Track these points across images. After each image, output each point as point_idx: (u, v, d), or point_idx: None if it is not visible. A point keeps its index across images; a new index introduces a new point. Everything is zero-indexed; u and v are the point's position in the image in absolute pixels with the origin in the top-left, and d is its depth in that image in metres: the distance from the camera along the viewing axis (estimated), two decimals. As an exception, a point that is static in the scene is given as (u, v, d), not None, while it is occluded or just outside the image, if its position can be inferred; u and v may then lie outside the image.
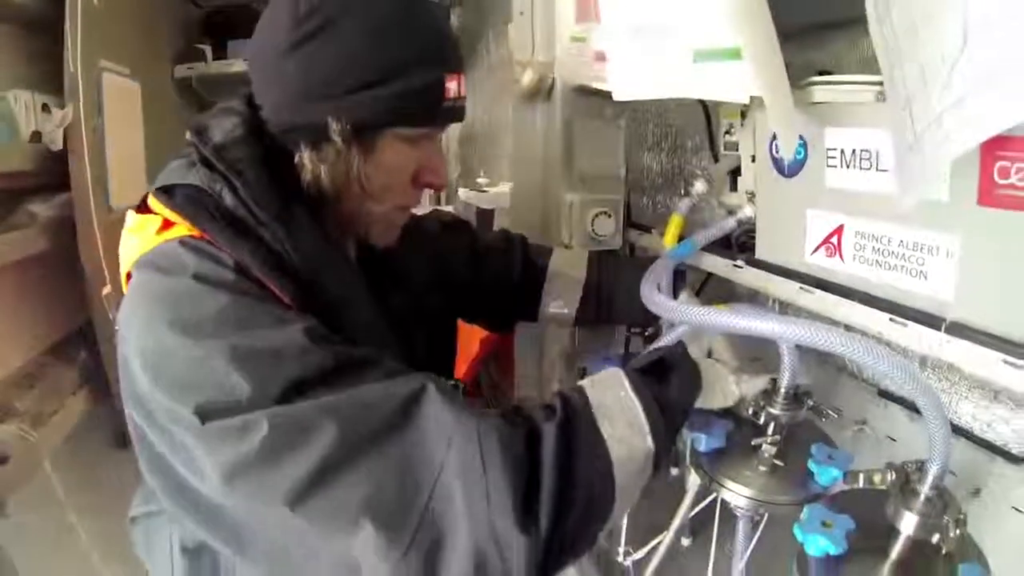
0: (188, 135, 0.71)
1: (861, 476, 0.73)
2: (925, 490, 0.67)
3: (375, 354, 0.64)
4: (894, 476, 0.72)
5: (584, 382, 0.71)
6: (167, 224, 0.67)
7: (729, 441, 0.86)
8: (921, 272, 0.71)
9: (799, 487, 0.82)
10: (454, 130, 2.50)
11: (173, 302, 0.61)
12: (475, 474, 0.56)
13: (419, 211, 2.09)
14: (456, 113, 0.75)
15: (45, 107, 1.57)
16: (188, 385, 0.58)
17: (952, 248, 0.67)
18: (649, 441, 0.67)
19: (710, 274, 1.25)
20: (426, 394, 0.60)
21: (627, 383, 0.70)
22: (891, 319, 0.74)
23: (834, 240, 0.80)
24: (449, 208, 2.27)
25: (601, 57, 1.01)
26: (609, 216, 1.20)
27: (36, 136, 1.53)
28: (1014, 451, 0.82)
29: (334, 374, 0.59)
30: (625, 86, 0.94)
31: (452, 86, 0.72)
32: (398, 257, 0.87)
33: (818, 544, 0.69)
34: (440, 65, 0.72)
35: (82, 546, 1.61)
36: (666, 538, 0.97)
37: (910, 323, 0.72)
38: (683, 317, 0.74)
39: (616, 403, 0.68)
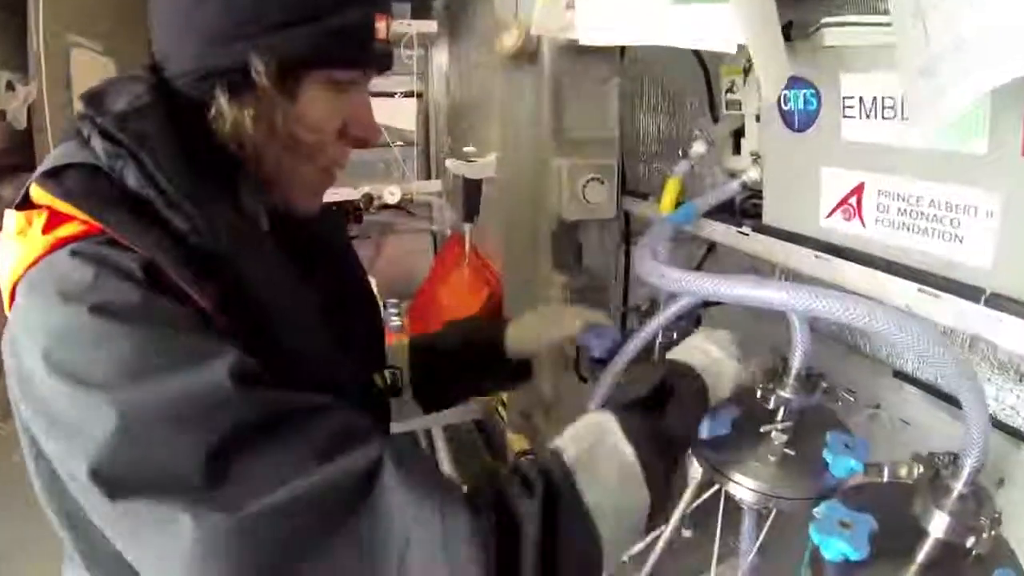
0: (79, 107, 0.61)
1: (885, 469, 0.63)
2: (959, 487, 0.58)
3: (312, 397, 0.54)
4: (922, 469, 0.63)
5: (567, 435, 0.62)
6: (55, 219, 0.55)
7: (735, 428, 0.76)
8: (956, 236, 0.62)
9: (812, 479, 0.72)
10: (442, 102, 2.38)
11: (64, 345, 0.50)
12: (443, 571, 0.48)
13: (390, 199, 2.02)
14: (385, 59, 0.68)
15: (10, 85, 1.47)
16: (83, 448, 0.48)
17: (992, 207, 0.58)
18: (645, 493, 0.59)
19: (710, 249, 1.15)
20: (380, 476, 0.50)
21: (619, 431, 0.61)
22: (920, 290, 0.64)
23: (853, 201, 0.70)
24: (437, 182, 2.16)
25: (571, 4, 0.91)
26: (602, 182, 1.09)
27: (1, 115, 1.43)
28: None
29: (268, 431, 0.49)
30: (593, 30, 0.84)
31: (381, 27, 0.65)
32: (319, 233, 0.77)
33: (837, 547, 0.60)
34: (371, 3, 0.64)
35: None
36: (665, 532, 0.88)
37: (943, 295, 0.62)
38: (685, 287, 0.63)
39: (606, 457, 0.59)
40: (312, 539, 0.46)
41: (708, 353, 0.74)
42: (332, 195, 2.13)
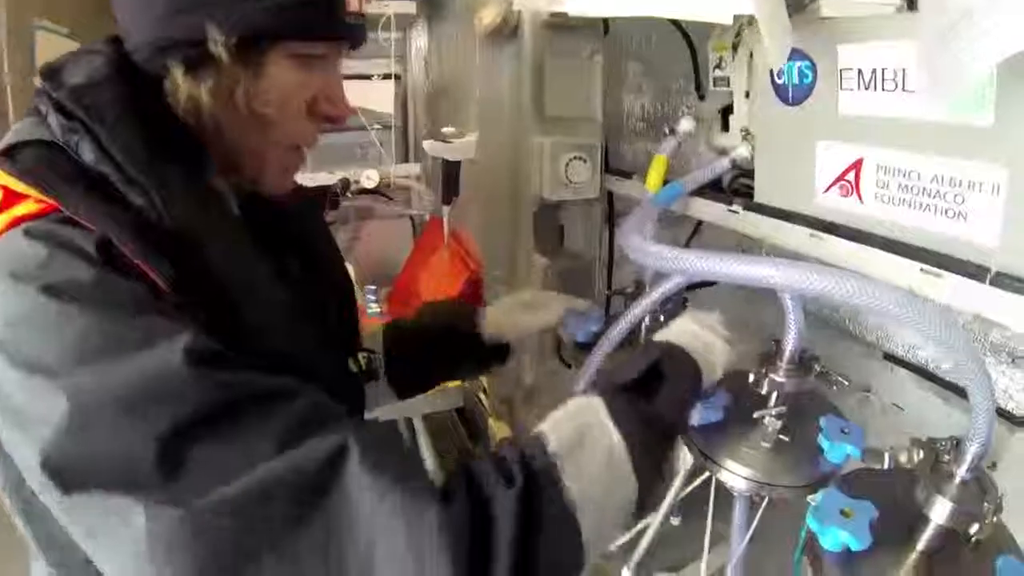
0: (37, 82, 0.57)
1: (886, 455, 0.60)
2: (962, 472, 0.55)
3: (276, 381, 0.50)
4: (922, 455, 0.59)
5: (552, 420, 0.57)
6: (9, 198, 0.52)
7: (727, 414, 0.72)
8: (959, 212, 0.59)
9: (807, 466, 0.69)
10: (420, 84, 2.31)
11: (15, 329, 0.48)
12: (410, 566, 0.44)
13: (368, 183, 1.96)
14: (356, 33, 0.64)
15: (-28, 69, 1.40)
16: (35, 437, 0.45)
17: (998, 182, 0.55)
18: (633, 484, 0.55)
19: (696, 229, 1.11)
20: (344, 464, 0.46)
21: (607, 416, 0.56)
22: (922, 269, 0.61)
23: (850, 177, 0.66)
24: (416, 165, 2.10)
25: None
26: (585, 161, 1.05)
27: (-37, 100, 1.36)
28: None
29: (226, 416, 0.46)
30: (582, 0, 0.79)
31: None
32: (294, 213, 0.73)
33: (837, 537, 0.56)
34: None
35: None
36: (655, 522, 0.84)
37: (946, 274, 0.59)
38: (675, 265, 0.59)
39: (592, 445, 0.55)
40: (271, 532, 0.43)
41: (698, 336, 0.70)
42: (308, 180, 2.06)
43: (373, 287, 1.94)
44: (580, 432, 0.55)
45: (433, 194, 1.97)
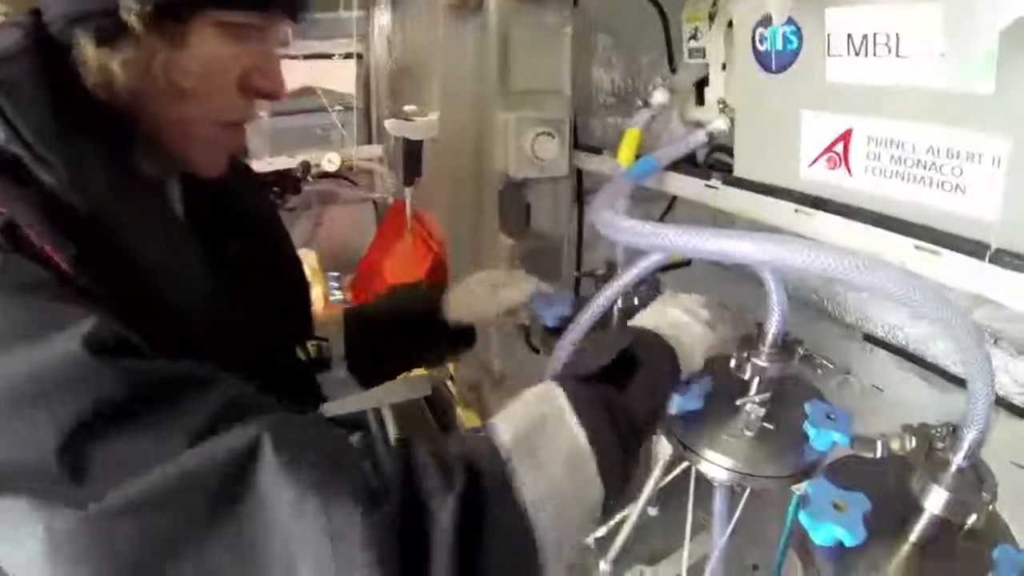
0: None
1: (879, 443, 0.56)
2: (958, 460, 0.51)
3: (191, 369, 0.45)
4: (916, 442, 0.55)
5: (507, 411, 0.51)
6: None
7: (707, 402, 0.67)
8: (957, 186, 0.54)
9: (792, 455, 0.65)
10: (383, 64, 2.21)
11: None
12: None
13: (329, 167, 1.87)
14: (292, 4, 0.60)
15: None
16: None
17: (999, 154, 0.51)
18: (598, 484, 0.50)
19: (670, 204, 1.06)
20: (258, 461, 0.40)
21: (568, 407, 0.51)
22: (917, 246, 0.56)
23: (839, 148, 0.61)
24: (378, 147, 2.01)
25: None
26: (552, 137, 0.98)
27: None
28: (1015, 402, 0.72)
29: (133, 409, 0.41)
30: None
31: None
32: (233, 192, 0.68)
33: (831, 533, 0.52)
34: None
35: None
36: (633, 514, 0.79)
37: (943, 251, 0.54)
38: (652, 241, 0.53)
39: (551, 440, 0.49)
40: (179, 537, 0.39)
41: (676, 320, 0.65)
42: (267, 164, 1.96)
43: (336, 273, 1.85)
44: (537, 424, 0.49)
45: (396, 176, 1.89)
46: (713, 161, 0.82)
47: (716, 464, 0.65)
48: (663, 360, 0.59)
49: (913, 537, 0.54)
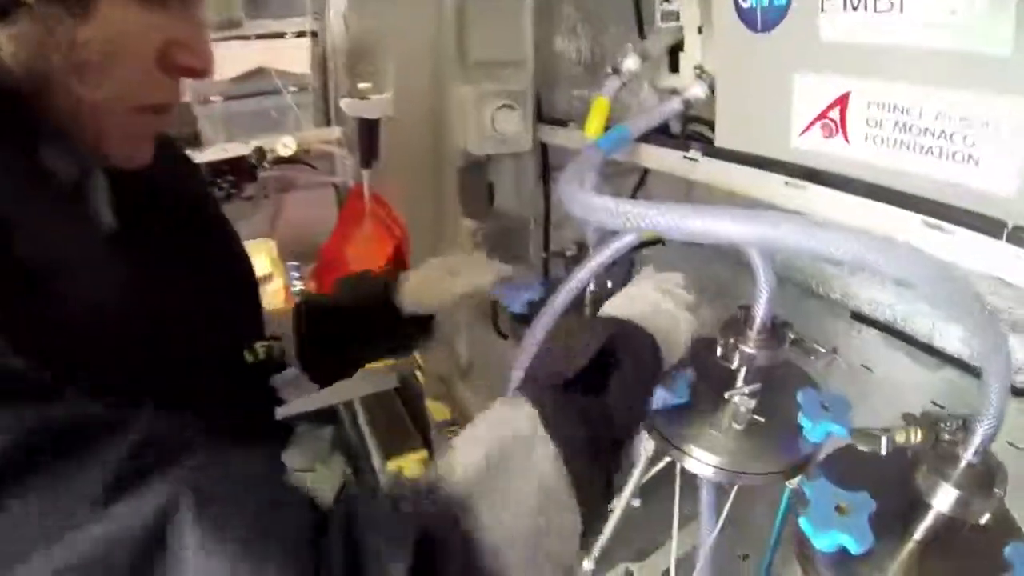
0: None
1: (883, 440, 0.50)
2: (968, 455, 0.46)
3: (92, 412, 0.35)
4: (920, 435, 0.50)
5: (466, 438, 0.43)
6: None
7: (692, 394, 0.61)
8: (970, 156, 0.48)
9: (784, 449, 0.59)
10: (339, 41, 2.08)
11: None
12: None
13: (285, 152, 1.76)
14: None
15: None
16: None
17: (1017, 122, 0.45)
18: (576, 512, 0.42)
19: (642, 178, 0.98)
20: (173, 527, 0.31)
21: (539, 427, 0.43)
22: (925, 223, 0.50)
23: (834, 115, 0.55)
24: (336, 129, 1.90)
25: None
26: (514, 110, 0.90)
27: None
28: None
29: (17, 474, 0.31)
30: None
31: None
32: (169, 185, 0.58)
33: (836, 540, 0.47)
34: None
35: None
36: (617, 511, 0.72)
37: (954, 228, 0.48)
38: (628, 221, 0.45)
39: (522, 468, 0.41)
40: None
41: (656, 304, 0.58)
42: (221, 151, 1.83)
43: (296, 263, 1.74)
44: (503, 452, 0.41)
45: (356, 159, 1.78)
46: (690, 132, 0.75)
47: (703, 462, 0.59)
48: (645, 354, 0.52)
49: (918, 535, 0.49)
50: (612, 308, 0.58)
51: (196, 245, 0.59)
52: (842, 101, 0.54)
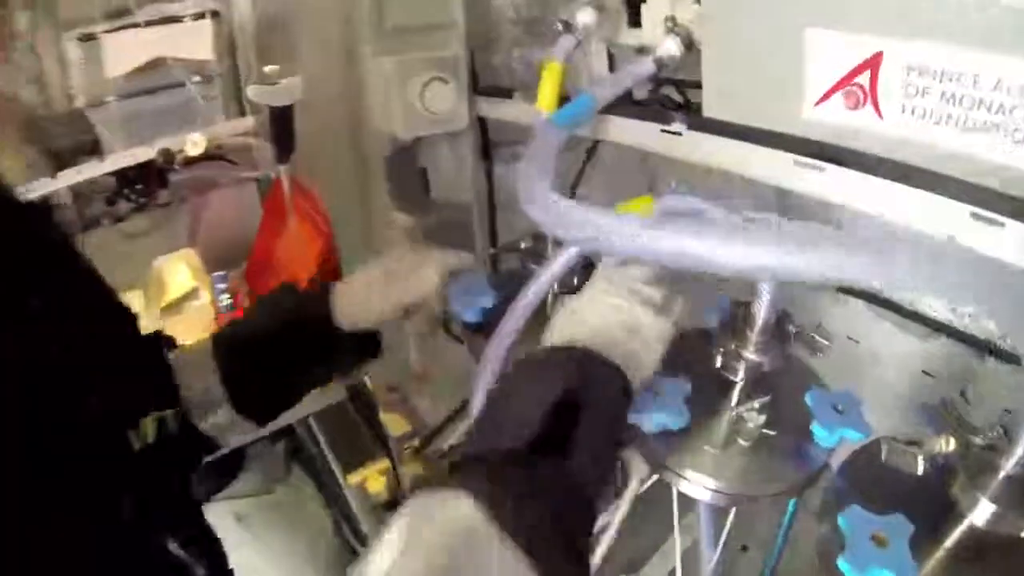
0: None
1: (919, 459, 0.42)
2: (1008, 467, 0.41)
3: None
4: (954, 444, 0.44)
5: (401, 534, 0.32)
6: None
7: (690, 410, 0.50)
8: None
9: (797, 463, 0.49)
10: (248, 20, 1.86)
11: None
12: None
13: (194, 150, 1.56)
14: None
15: None
16: None
17: None
18: None
19: (592, 150, 0.85)
20: None
21: (494, 532, 0.32)
22: (975, 215, 0.40)
23: (863, 80, 0.44)
24: (250, 119, 1.70)
25: None
26: (446, 83, 0.76)
27: None
28: (1003, 347, 0.62)
29: None
30: None
31: None
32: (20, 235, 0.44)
33: (881, 576, 0.40)
34: None
35: None
36: (611, 529, 0.62)
37: (1007, 221, 0.39)
38: (622, 243, 0.34)
39: None
40: None
41: (617, 316, 0.46)
42: (123, 159, 1.61)
43: (223, 273, 1.53)
44: (453, 563, 0.31)
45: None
46: (661, 99, 0.63)
47: (704, 487, 0.49)
48: (610, 392, 0.41)
49: (948, 543, 0.44)
50: (563, 331, 0.46)
51: (54, 311, 0.44)
52: (873, 64, 0.43)
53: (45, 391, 0.38)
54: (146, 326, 0.55)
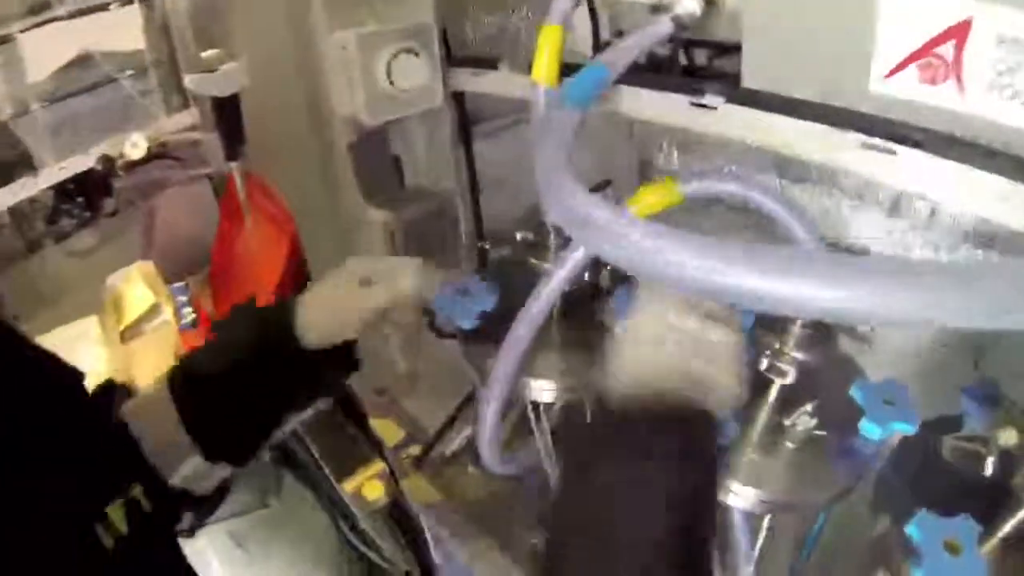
0: None
1: (988, 462, 0.38)
2: None
3: None
4: (1017, 438, 0.41)
5: None
6: None
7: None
8: None
9: (845, 463, 0.45)
10: (182, 3, 1.72)
11: None
12: None
13: (135, 153, 1.44)
14: None
15: None
16: None
17: None
18: None
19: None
20: None
21: None
22: None
23: (945, 51, 0.38)
24: (193, 111, 1.58)
25: None
26: (416, 55, 0.67)
27: None
28: None
29: None
30: None
31: None
32: None
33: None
34: None
35: None
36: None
37: None
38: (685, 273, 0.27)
39: None
40: None
41: (686, 332, 0.38)
42: (58, 172, 1.46)
43: (183, 284, 1.41)
44: None
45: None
46: (684, 66, 0.56)
47: (749, 499, 0.45)
48: (711, 448, 0.37)
49: (1002, 533, 0.42)
50: (630, 369, 0.38)
51: None
52: (959, 33, 0.37)
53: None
54: (107, 357, 0.47)
